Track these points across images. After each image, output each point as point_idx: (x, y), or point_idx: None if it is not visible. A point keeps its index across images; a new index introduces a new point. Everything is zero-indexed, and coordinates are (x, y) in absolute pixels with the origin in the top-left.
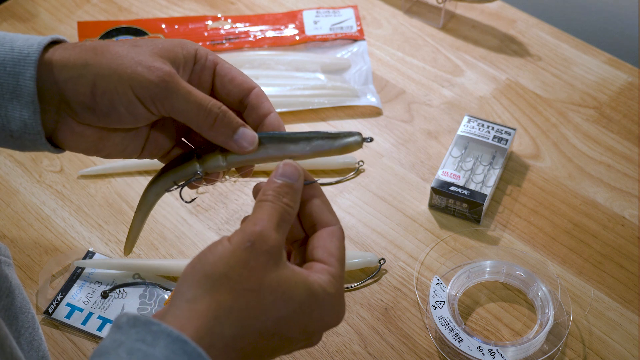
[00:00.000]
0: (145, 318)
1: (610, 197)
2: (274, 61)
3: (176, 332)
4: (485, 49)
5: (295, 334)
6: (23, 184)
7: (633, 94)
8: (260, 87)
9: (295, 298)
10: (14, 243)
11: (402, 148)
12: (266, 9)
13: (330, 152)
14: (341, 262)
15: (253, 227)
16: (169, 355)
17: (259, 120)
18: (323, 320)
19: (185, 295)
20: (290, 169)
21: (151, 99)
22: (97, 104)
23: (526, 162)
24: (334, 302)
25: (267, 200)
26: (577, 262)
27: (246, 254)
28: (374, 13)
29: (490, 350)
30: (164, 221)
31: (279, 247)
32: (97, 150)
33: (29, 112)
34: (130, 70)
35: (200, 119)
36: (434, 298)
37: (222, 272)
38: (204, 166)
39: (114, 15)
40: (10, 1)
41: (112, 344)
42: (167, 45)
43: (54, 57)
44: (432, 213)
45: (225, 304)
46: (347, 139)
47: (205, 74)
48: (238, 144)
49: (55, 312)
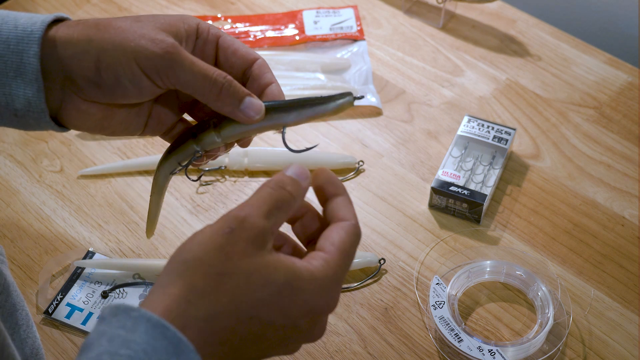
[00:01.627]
0: (125, 306)
1: (610, 197)
2: (274, 61)
3: (156, 317)
4: (485, 49)
5: (276, 318)
6: (23, 184)
7: (633, 94)
8: (263, 59)
9: (274, 281)
10: (14, 243)
11: (402, 148)
12: (266, 9)
13: (324, 115)
14: (341, 252)
15: (237, 212)
16: (149, 341)
17: (260, 90)
18: (307, 305)
19: (161, 281)
20: (298, 169)
21: (156, 71)
22: (102, 79)
23: (526, 162)
24: (323, 286)
25: (267, 186)
26: (577, 262)
27: (223, 239)
28: (374, 13)
29: (490, 350)
30: (164, 221)
31: (263, 234)
32: (102, 128)
33: (33, 90)
34: (134, 43)
35: (206, 89)
36: (434, 298)
37: (197, 256)
38: (201, 144)
39: (113, 15)
40: (10, 1)
41: (95, 335)
42: (170, 19)
43: (57, 34)
44: (432, 213)
45: (198, 286)
46: (338, 100)
47: (208, 48)
48: (244, 114)
49: (55, 312)
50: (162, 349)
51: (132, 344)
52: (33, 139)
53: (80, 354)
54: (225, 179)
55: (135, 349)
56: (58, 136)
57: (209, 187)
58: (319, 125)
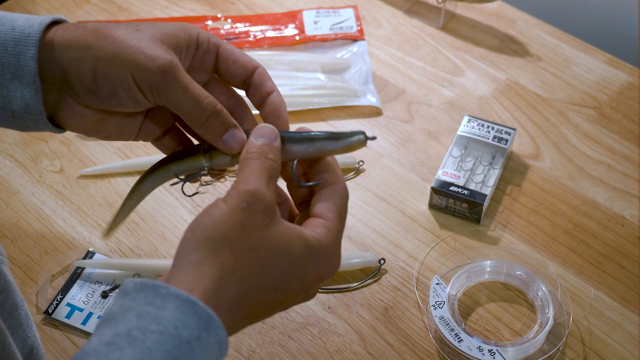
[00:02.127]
0: (152, 282)
1: (610, 197)
2: (274, 61)
3: (185, 293)
4: (485, 49)
5: (295, 286)
6: (23, 184)
7: (633, 94)
8: (263, 67)
9: (293, 252)
10: (14, 243)
11: (402, 148)
12: (266, 9)
13: (334, 151)
14: (339, 216)
15: (246, 186)
16: (179, 317)
17: (262, 99)
18: (318, 272)
19: (189, 259)
20: (267, 130)
21: (149, 87)
22: (98, 88)
23: (526, 162)
24: (329, 252)
25: (252, 158)
26: (577, 262)
27: (243, 214)
28: (374, 13)
29: (490, 350)
30: (164, 221)
31: (273, 204)
32: (97, 131)
33: (31, 92)
34: (132, 57)
35: (194, 114)
36: (434, 298)
37: (223, 233)
38: (211, 162)
39: (113, 15)
40: (10, 1)
41: (120, 309)
42: (169, 29)
43: (55, 37)
44: (432, 213)
45: (228, 264)
46: (350, 138)
47: (207, 57)
48: (226, 144)
49: (55, 312)
50: (193, 325)
51: (163, 320)
52: (33, 139)
53: (103, 325)
54: (226, 179)
55: (165, 325)
56: (58, 136)
57: (209, 187)
58: (319, 125)
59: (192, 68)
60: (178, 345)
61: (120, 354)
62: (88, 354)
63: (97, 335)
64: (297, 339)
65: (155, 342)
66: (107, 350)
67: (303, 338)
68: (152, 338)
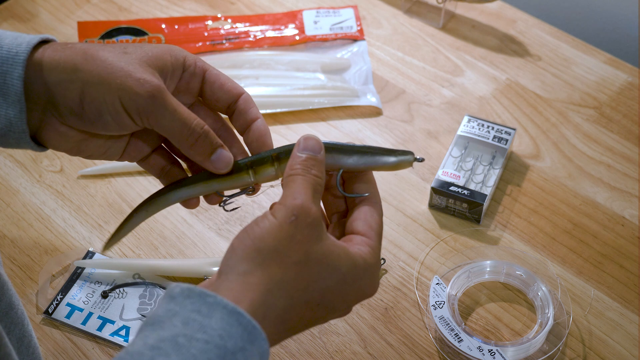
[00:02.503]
0: (199, 289)
1: (610, 197)
2: (274, 61)
3: (232, 304)
4: (485, 49)
5: (338, 304)
6: (23, 184)
7: (633, 94)
8: (248, 93)
9: (340, 269)
10: (14, 243)
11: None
12: (266, 9)
13: (382, 168)
14: (379, 236)
15: (293, 200)
16: (225, 327)
17: (246, 125)
18: (361, 291)
19: (237, 269)
20: (312, 143)
21: (137, 112)
22: (84, 111)
23: (526, 162)
24: (373, 272)
25: (297, 174)
26: (577, 262)
27: (292, 227)
28: (374, 13)
29: (490, 350)
30: (164, 221)
31: (319, 219)
32: (80, 151)
33: (15, 111)
34: (120, 81)
35: (183, 137)
36: (434, 298)
37: (271, 246)
38: (257, 177)
39: (114, 15)
40: (10, 1)
41: (166, 313)
42: (156, 52)
43: (43, 57)
44: (432, 213)
45: (276, 277)
46: (399, 157)
47: (193, 81)
48: (214, 165)
49: (55, 312)
50: (237, 335)
51: (208, 329)
52: None
53: (147, 328)
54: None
55: (211, 334)
56: None
57: None
58: (318, 125)
59: (178, 91)
60: (222, 355)
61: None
62: (132, 356)
63: (141, 337)
64: (297, 339)
65: (200, 351)
66: (152, 354)
67: (303, 338)
68: (198, 346)
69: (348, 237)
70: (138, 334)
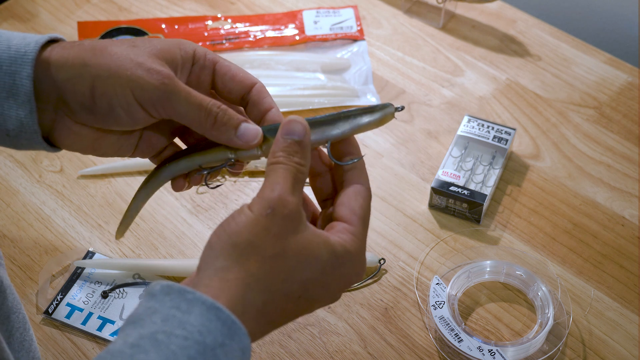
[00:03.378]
0: (179, 286)
1: (610, 197)
2: (274, 61)
3: (210, 300)
4: (485, 49)
5: (319, 294)
6: (23, 184)
7: (633, 94)
8: (261, 83)
9: (319, 259)
10: (14, 243)
11: (402, 148)
12: (266, 9)
13: (368, 127)
14: (363, 221)
15: (271, 193)
16: (204, 323)
17: (260, 115)
18: (344, 279)
19: (214, 265)
20: (295, 126)
21: (151, 102)
22: (95, 106)
23: (526, 162)
24: (354, 260)
25: (278, 162)
26: (577, 262)
27: (268, 220)
28: (374, 13)
29: (490, 350)
30: (164, 221)
31: (298, 210)
32: (94, 149)
33: (26, 112)
34: (130, 72)
35: (202, 119)
36: (434, 298)
37: (247, 240)
38: (236, 153)
39: (114, 15)
40: (10, 1)
41: (145, 311)
42: (165, 46)
43: (51, 56)
44: (432, 213)
45: (253, 271)
46: (380, 111)
47: (204, 74)
48: (242, 140)
49: (55, 312)
50: (217, 331)
51: (187, 325)
52: None
53: (128, 326)
54: (226, 179)
55: (190, 330)
56: None
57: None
58: None
59: (189, 84)
60: (202, 350)
61: (144, 357)
62: (113, 354)
63: (122, 336)
64: (297, 339)
65: (179, 347)
66: (132, 352)
67: (303, 338)
68: (177, 343)
69: (330, 225)
70: (120, 333)
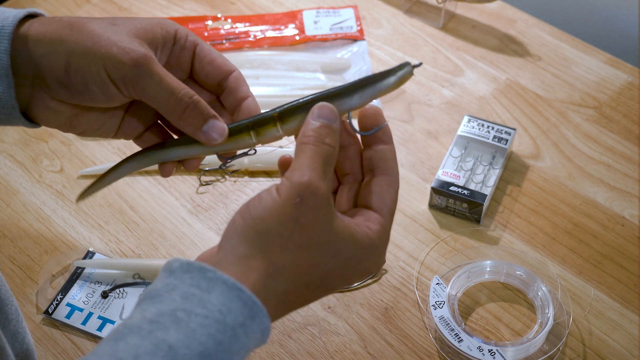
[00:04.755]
0: (199, 264)
1: (610, 197)
2: (274, 61)
3: (231, 279)
4: (485, 49)
5: (338, 284)
6: (23, 184)
7: (633, 94)
8: (239, 71)
9: (343, 253)
10: (14, 243)
11: (402, 148)
12: (266, 9)
13: (387, 91)
14: (392, 214)
15: (300, 177)
16: (225, 302)
17: (236, 103)
18: (364, 269)
19: (238, 251)
20: (326, 111)
21: (123, 80)
22: (70, 82)
23: (526, 162)
24: (378, 252)
25: (308, 143)
26: (577, 262)
27: (296, 210)
28: (374, 13)
29: (490, 350)
30: (164, 221)
31: (327, 198)
32: (72, 126)
33: (3, 86)
34: (105, 50)
35: (170, 106)
36: (434, 298)
37: (274, 229)
38: (259, 138)
39: (114, 16)
40: (10, 1)
41: (164, 287)
42: (146, 25)
43: (29, 31)
44: (432, 213)
45: (278, 262)
46: (398, 72)
47: (184, 55)
48: (206, 136)
49: (55, 312)
50: (237, 311)
51: (208, 304)
52: (33, 138)
53: (146, 301)
54: (225, 179)
55: (210, 309)
56: (58, 136)
57: (209, 187)
58: None
59: (169, 65)
60: (222, 330)
61: (164, 334)
62: (131, 329)
63: (140, 310)
64: (297, 338)
65: (199, 325)
66: (151, 328)
67: (303, 338)
68: (197, 321)
69: (360, 212)
70: (136, 307)
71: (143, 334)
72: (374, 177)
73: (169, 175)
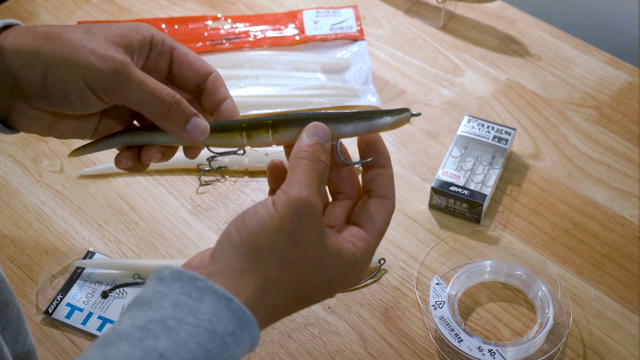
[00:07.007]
0: (190, 273)
1: (610, 197)
2: (274, 61)
3: (222, 289)
4: (485, 49)
5: (322, 296)
6: (23, 184)
7: (633, 94)
8: (218, 72)
9: (330, 269)
10: (14, 243)
11: (402, 148)
12: (266, 9)
13: (381, 129)
14: (381, 235)
15: (299, 193)
16: (215, 311)
17: (215, 105)
18: (345, 284)
19: (232, 265)
20: (321, 130)
21: (103, 88)
22: (49, 92)
23: (526, 162)
24: (359, 268)
25: (306, 158)
26: (577, 262)
27: (293, 226)
28: (374, 13)
29: (490, 350)
30: (164, 221)
31: (321, 215)
32: (51, 131)
33: None
34: (82, 59)
35: (154, 108)
36: (434, 298)
37: (270, 245)
38: (248, 140)
39: (114, 15)
40: (10, 1)
41: (154, 294)
42: (122, 30)
43: (5, 42)
44: (432, 213)
45: (272, 276)
46: (395, 116)
47: (161, 59)
48: (190, 134)
49: (55, 312)
50: (227, 320)
51: (199, 313)
52: (33, 138)
53: (136, 308)
54: (225, 179)
55: (201, 318)
56: None
57: (209, 187)
58: None
59: (147, 70)
60: (212, 338)
61: (154, 342)
62: (120, 335)
63: (129, 317)
64: (297, 339)
65: (190, 334)
66: (141, 335)
67: (303, 338)
68: (187, 330)
69: (349, 228)
70: (125, 313)
71: (133, 340)
72: (370, 199)
73: (148, 162)
